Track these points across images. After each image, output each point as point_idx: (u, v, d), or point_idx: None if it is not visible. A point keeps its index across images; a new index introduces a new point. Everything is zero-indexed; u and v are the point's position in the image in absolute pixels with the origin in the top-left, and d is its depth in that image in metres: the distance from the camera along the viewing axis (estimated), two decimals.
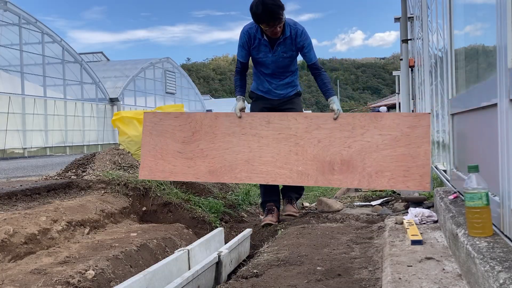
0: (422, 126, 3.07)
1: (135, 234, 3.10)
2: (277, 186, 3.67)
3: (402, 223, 2.59)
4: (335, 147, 3.23)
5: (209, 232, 3.41)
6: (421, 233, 2.27)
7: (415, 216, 2.62)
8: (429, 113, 3.19)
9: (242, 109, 3.48)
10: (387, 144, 3.13)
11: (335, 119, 3.26)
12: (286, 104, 3.68)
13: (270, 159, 3.36)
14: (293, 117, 3.36)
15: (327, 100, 3.46)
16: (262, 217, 3.92)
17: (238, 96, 3.53)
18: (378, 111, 18.27)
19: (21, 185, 3.70)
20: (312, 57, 3.44)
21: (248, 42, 3.43)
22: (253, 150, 3.40)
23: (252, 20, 3.32)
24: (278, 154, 3.34)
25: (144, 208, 3.90)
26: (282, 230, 3.24)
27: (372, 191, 4.47)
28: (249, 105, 3.89)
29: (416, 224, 2.53)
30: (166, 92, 24.65)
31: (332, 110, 3.30)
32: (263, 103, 3.70)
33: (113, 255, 2.51)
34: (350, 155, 3.19)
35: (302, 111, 3.85)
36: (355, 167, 3.16)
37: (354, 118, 3.24)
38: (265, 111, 3.74)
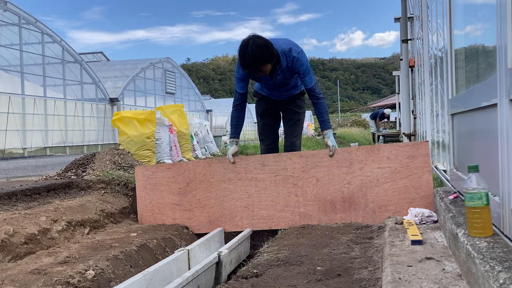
0: (422, 155, 3.02)
1: (135, 234, 3.10)
2: None
3: (402, 223, 2.59)
4: (335, 185, 3.18)
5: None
6: (421, 233, 2.27)
7: (415, 216, 2.62)
8: (427, 141, 3.13)
9: (235, 154, 3.41)
10: (387, 177, 3.07)
11: (330, 156, 3.19)
12: (289, 104, 3.65)
13: (270, 203, 3.31)
14: (287, 157, 3.31)
15: (322, 132, 3.37)
16: None
17: (231, 140, 3.44)
18: (383, 113, 17.67)
19: (21, 185, 3.70)
20: (307, 82, 3.29)
21: (246, 74, 3.28)
22: (252, 195, 3.35)
23: None
24: (278, 197, 3.29)
25: None
26: (282, 230, 3.24)
27: None
28: (253, 104, 3.83)
29: (416, 224, 2.52)
30: (166, 92, 24.63)
31: (327, 146, 3.23)
32: (267, 103, 3.68)
33: (113, 255, 2.51)
34: (351, 192, 3.14)
35: (305, 111, 3.83)
36: (357, 204, 3.11)
37: (351, 153, 3.18)
38: (270, 111, 3.73)
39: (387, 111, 18.04)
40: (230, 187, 3.41)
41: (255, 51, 2.95)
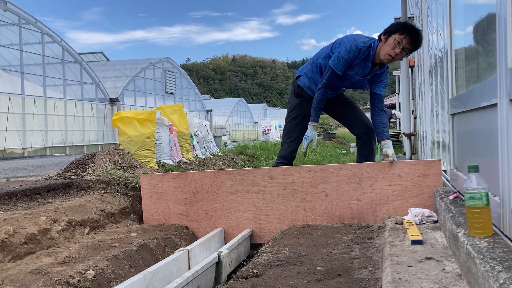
0: (433, 174, 2.98)
1: (135, 234, 3.10)
2: None
3: (402, 223, 2.59)
4: (344, 201, 3.15)
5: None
6: (421, 233, 2.27)
7: (415, 216, 2.62)
8: (440, 160, 3.07)
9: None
10: (397, 195, 3.04)
11: (390, 162, 3.09)
12: (337, 99, 3.64)
13: (277, 217, 3.29)
14: (296, 171, 3.28)
15: (379, 142, 3.32)
16: None
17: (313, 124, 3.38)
18: (392, 115, 16.92)
19: (21, 185, 3.70)
20: (383, 89, 3.37)
21: (352, 59, 3.19)
22: (259, 208, 3.33)
23: (365, 41, 3.15)
24: (286, 211, 3.27)
25: None
26: (282, 230, 3.24)
27: None
28: (293, 98, 3.65)
29: (416, 224, 2.52)
30: (166, 92, 24.64)
31: (387, 155, 3.14)
32: (309, 106, 3.51)
33: (113, 255, 2.51)
34: (360, 208, 3.11)
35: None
36: (366, 221, 3.09)
37: (361, 169, 3.13)
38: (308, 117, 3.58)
39: (397, 114, 16.23)
40: (237, 199, 3.39)
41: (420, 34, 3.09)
